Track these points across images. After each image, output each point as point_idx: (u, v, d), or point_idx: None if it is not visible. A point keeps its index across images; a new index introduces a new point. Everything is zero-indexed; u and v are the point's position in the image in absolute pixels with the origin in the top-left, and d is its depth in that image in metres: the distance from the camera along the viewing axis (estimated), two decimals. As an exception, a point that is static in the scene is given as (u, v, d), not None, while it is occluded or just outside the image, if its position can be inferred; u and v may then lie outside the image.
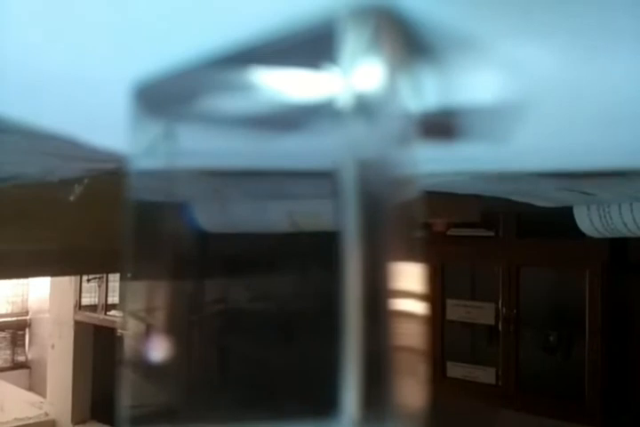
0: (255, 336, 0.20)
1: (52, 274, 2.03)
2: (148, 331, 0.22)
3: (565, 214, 0.69)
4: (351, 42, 0.14)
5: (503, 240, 1.82)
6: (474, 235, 1.84)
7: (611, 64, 0.19)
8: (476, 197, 0.50)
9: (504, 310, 1.80)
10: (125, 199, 0.19)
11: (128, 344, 0.21)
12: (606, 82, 0.21)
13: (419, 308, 0.18)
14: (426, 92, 0.20)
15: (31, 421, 2.90)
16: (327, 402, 0.14)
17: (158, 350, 0.22)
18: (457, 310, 1.92)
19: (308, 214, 0.18)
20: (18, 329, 3.86)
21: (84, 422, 2.77)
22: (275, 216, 0.22)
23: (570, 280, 1.80)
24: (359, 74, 0.14)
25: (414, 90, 0.18)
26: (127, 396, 0.20)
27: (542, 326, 1.82)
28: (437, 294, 1.93)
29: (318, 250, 0.16)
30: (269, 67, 0.16)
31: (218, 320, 0.23)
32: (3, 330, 3.80)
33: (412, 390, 0.15)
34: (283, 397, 0.17)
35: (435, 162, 0.30)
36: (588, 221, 0.64)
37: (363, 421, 0.13)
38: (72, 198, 0.49)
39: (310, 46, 0.15)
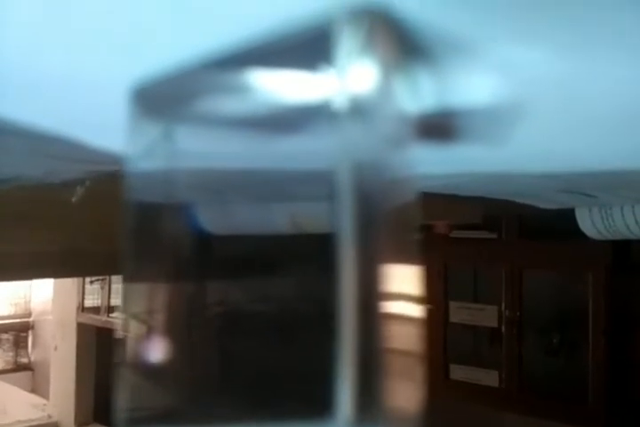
0: (255, 338, 0.20)
1: (55, 276, 2.03)
2: (149, 333, 0.22)
3: (568, 216, 0.69)
4: (346, 44, 0.14)
5: (506, 242, 1.81)
6: (476, 237, 1.84)
7: (608, 66, 0.19)
8: (478, 199, 0.50)
9: (507, 312, 1.80)
10: (125, 201, 0.19)
11: (129, 346, 0.21)
12: (605, 83, 0.21)
13: (416, 310, 0.18)
14: (422, 93, 0.20)
15: (34, 423, 2.90)
16: (324, 403, 0.14)
17: (159, 351, 0.22)
18: (460, 313, 1.92)
19: (309, 216, 0.18)
20: (21, 331, 3.86)
21: (86, 424, 2.77)
22: (276, 218, 0.22)
23: (573, 282, 1.80)
24: (354, 75, 0.14)
25: (411, 91, 0.19)
26: (127, 398, 0.20)
27: (545, 328, 1.81)
28: (440, 296, 1.93)
29: (317, 252, 0.16)
30: (266, 68, 0.16)
31: (219, 322, 0.23)
32: (6, 332, 3.81)
33: (406, 393, 0.15)
34: (281, 398, 0.17)
35: (433, 163, 0.30)
36: (590, 223, 0.64)
37: (357, 422, 0.13)
38: (74, 200, 0.49)
39: (306, 48, 0.15)
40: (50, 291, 3.30)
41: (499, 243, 1.83)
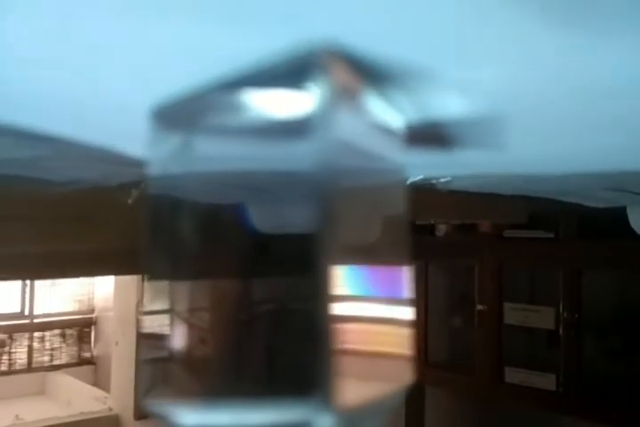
0: (292, 334, 0.21)
1: (114, 273, 2.10)
2: (191, 329, 0.23)
3: (626, 215, 0.67)
4: (309, 74, 0.18)
5: (564, 242, 1.77)
6: (532, 236, 1.80)
7: (552, 81, 0.21)
8: (523, 198, 0.49)
9: (565, 314, 1.75)
10: (150, 202, 0.22)
11: (170, 341, 0.22)
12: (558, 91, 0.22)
13: (403, 313, 0.22)
14: (403, 109, 0.24)
15: (96, 415, 3.00)
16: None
17: (199, 345, 0.23)
18: (515, 314, 1.88)
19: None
20: (84, 327, 4.00)
21: (145, 417, 2.85)
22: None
23: (635, 283, 1.74)
24: (315, 95, 0.18)
25: (391, 107, 0.23)
26: (158, 386, 0.21)
27: (605, 331, 1.76)
28: (494, 297, 1.89)
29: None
30: (256, 90, 0.21)
31: (267, 320, 0.24)
32: (70, 327, 3.96)
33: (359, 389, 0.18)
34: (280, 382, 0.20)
35: (439, 167, 0.33)
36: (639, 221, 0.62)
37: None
38: (130, 202, 0.51)
39: (284, 76, 0.19)
40: (111, 288, 3.41)
41: (556, 242, 1.78)
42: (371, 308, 0.22)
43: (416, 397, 2.16)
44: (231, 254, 0.23)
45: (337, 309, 0.18)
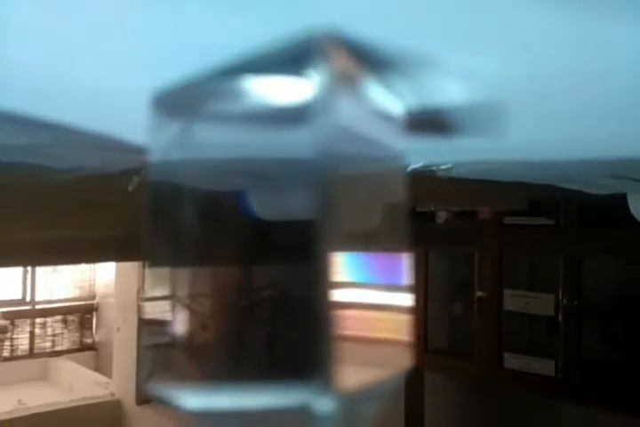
0: (291, 320, 0.21)
1: (114, 260, 2.11)
2: (193, 315, 0.23)
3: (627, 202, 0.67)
4: (310, 60, 0.18)
5: (564, 228, 1.77)
6: (533, 223, 1.80)
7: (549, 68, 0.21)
8: (523, 186, 0.49)
9: (564, 300, 1.76)
10: (151, 189, 0.23)
11: (172, 326, 0.22)
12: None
13: (403, 300, 0.22)
14: (404, 96, 0.24)
15: (98, 400, 3.03)
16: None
17: (200, 331, 0.23)
18: (515, 301, 1.89)
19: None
20: (85, 313, 4.02)
21: (146, 402, 2.88)
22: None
23: (635, 270, 1.74)
24: (315, 82, 0.18)
25: (393, 94, 0.23)
26: (167, 374, 0.22)
27: (605, 317, 1.77)
28: (494, 283, 1.90)
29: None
30: (256, 77, 0.21)
31: (265, 306, 0.24)
32: (71, 314, 3.98)
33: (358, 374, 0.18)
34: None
35: (440, 153, 0.33)
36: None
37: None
38: (130, 188, 0.51)
39: (285, 63, 0.19)
40: (112, 274, 3.42)
41: (556, 229, 1.78)
42: (370, 294, 0.23)
43: (416, 382, 2.18)
44: (231, 241, 0.23)
45: (336, 295, 0.18)
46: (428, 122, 0.27)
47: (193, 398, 0.21)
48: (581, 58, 0.21)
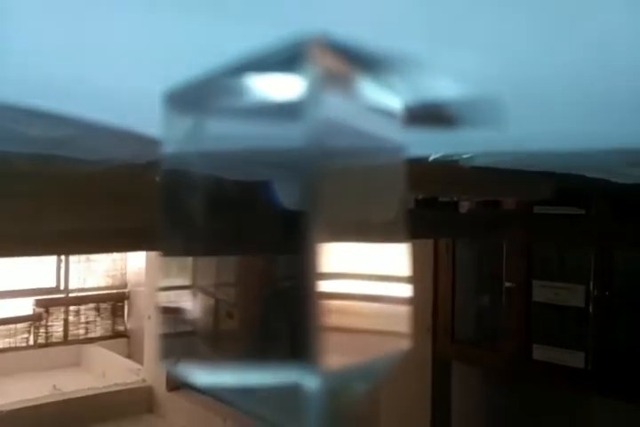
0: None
1: (143, 249, 2.14)
2: (218, 304, 0.24)
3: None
4: (300, 61, 0.20)
5: (596, 219, 1.74)
6: (563, 213, 1.77)
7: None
8: (547, 175, 0.49)
9: (595, 291, 1.74)
10: (162, 179, 0.24)
11: (193, 315, 0.23)
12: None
13: (402, 290, 0.23)
14: (400, 92, 0.25)
15: (130, 386, 3.09)
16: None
17: (231, 320, 0.24)
18: (544, 292, 1.87)
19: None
20: (117, 301, 4.10)
21: (177, 388, 2.93)
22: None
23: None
24: (304, 81, 0.20)
25: (389, 90, 0.24)
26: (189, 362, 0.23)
27: (638, 308, 1.74)
28: (522, 274, 1.88)
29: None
30: (256, 75, 0.23)
31: (288, 295, 0.25)
32: (104, 302, 4.06)
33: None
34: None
35: (445, 145, 0.34)
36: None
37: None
38: (158, 179, 0.51)
39: (281, 63, 0.21)
40: (143, 263, 3.47)
41: (588, 219, 1.75)
42: (367, 285, 0.23)
43: (443, 373, 2.18)
44: (234, 231, 0.24)
45: (329, 286, 0.19)
46: (432, 115, 0.28)
47: (209, 377, 0.22)
48: (597, 49, 0.21)
